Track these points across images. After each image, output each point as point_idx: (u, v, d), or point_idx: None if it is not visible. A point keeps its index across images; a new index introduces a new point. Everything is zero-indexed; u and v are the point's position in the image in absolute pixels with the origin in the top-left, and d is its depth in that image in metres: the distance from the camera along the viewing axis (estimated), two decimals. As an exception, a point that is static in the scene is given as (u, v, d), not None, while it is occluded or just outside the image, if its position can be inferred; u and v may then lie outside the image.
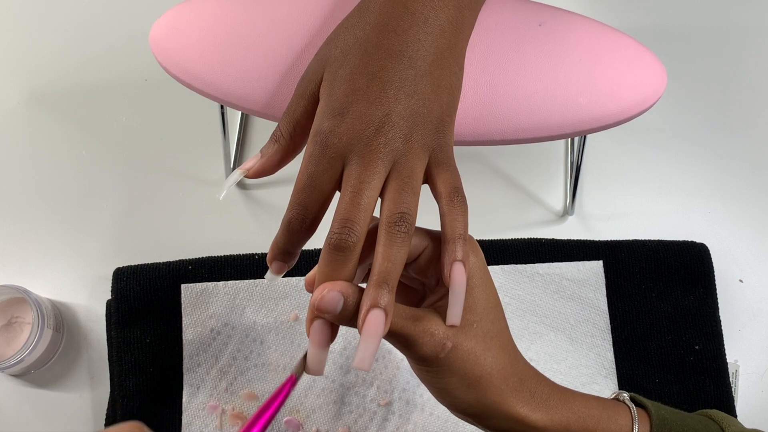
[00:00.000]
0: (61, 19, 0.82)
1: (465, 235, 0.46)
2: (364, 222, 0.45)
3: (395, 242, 0.44)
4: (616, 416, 0.50)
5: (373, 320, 0.43)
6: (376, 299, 0.43)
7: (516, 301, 0.71)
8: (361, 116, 0.46)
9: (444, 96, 0.48)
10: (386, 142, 0.46)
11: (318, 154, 0.46)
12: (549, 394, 0.49)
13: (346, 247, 0.44)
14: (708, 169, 0.79)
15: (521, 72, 0.57)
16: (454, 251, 0.45)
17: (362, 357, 0.43)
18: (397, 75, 0.47)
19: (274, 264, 0.48)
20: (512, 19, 0.59)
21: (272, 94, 0.57)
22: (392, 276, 0.44)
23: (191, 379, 0.69)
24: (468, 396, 0.47)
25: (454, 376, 0.46)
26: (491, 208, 0.77)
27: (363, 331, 0.43)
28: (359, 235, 0.44)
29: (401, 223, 0.44)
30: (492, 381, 0.47)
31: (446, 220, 0.46)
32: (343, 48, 0.49)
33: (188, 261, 0.71)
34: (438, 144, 0.47)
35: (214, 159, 0.77)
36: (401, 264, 0.44)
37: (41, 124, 0.79)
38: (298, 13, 0.58)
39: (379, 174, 0.45)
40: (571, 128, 0.58)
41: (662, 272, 0.72)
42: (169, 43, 0.59)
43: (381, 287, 0.43)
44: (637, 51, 0.59)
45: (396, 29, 0.48)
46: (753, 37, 0.82)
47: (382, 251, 0.44)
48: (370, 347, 0.43)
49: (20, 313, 0.71)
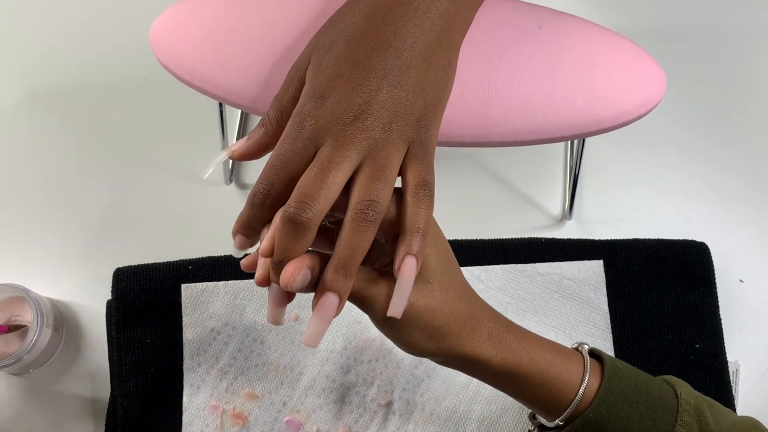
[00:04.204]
0: (60, 19, 0.82)
1: (425, 230, 0.45)
2: (324, 201, 0.44)
3: (359, 230, 0.44)
4: (569, 363, 0.52)
5: (326, 303, 0.44)
6: (332, 284, 0.44)
7: (516, 301, 0.71)
8: (342, 101, 0.46)
9: (430, 90, 0.48)
10: (364, 128, 0.45)
11: (294, 134, 0.46)
12: (505, 334, 0.51)
13: (299, 223, 0.43)
14: (708, 169, 0.79)
15: (520, 74, 0.57)
16: (410, 244, 0.45)
17: (311, 335, 0.44)
18: (382, 64, 0.47)
19: (237, 237, 0.48)
20: (512, 21, 0.59)
21: (270, 91, 0.57)
22: (351, 264, 0.44)
23: (192, 379, 0.69)
24: (429, 345, 0.49)
25: (415, 329, 0.48)
26: (489, 212, 0.77)
27: (315, 312, 0.44)
28: (316, 213, 0.44)
29: (368, 211, 0.44)
30: (450, 329, 0.49)
31: (408, 212, 0.45)
32: (331, 35, 0.49)
33: (188, 261, 0.71)
34: (418, 137, 0.47)
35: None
36: (363, 252, 0.44)
37: (41, 124, 0.79)
38: (296, 11, 0.58)
39: (350, 158, 0.45)
40: (569, 131, 0.58)
41: (662, 271, 0.72)
42: (169, 40, 0.59)
43: (338, 272, 0.44)
44: (637, 55, 0.59)
45: (385, 19, 0.48)
46: (751, 39, 0.82)
47: (345, 238, 0.44)
48: (321, 328, 0.44)
49: (20, 312, 0.71)
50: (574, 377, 0.51)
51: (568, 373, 0.51)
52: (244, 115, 0.80)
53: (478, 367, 0.50)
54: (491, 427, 0.68)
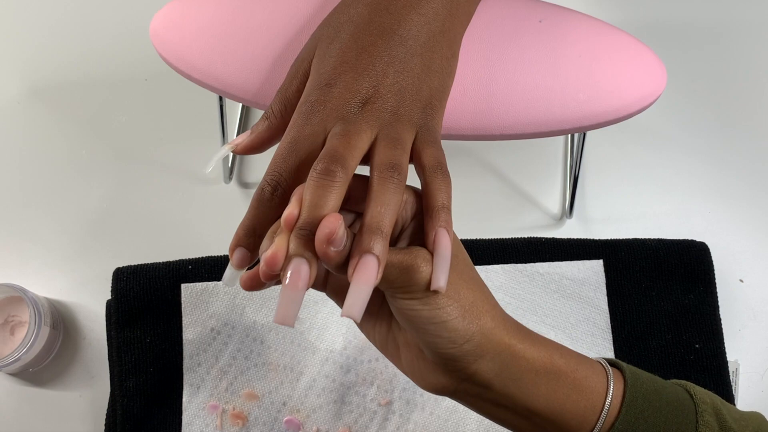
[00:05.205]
0: (60, 17, 0.82)
1: (448, 206, 0.44)
2: (351, 159, 0.42)
3: (388, 188, 0.42)
4: (591, 363, 0.48)
5: (366, 266, 0.40)
6: (369, 245, 0.40)
7: (516, 301, 0.71)
8: (349, 87, 0.45)
9: (434, 78, 0.48)
10: (373, 111, 0.45)
11: (301, 121, 0.45)
12: (527, 331, 0.47)
13: (333, 172, 0.41)
14: (708, 169, 0.79)
15: (521, 67, 0.57)
16: (438, 218, 0.43)
17: (352, 303, 0.40)
18: (387, 51, 0.46)
19: (236, 252, 0.44)
20: (513, 15, 0.59)
21: (271, 84, 0.57)
22: (386, 222, 0.41)
23: (191, 378, 0.69)
24: (467, 324, 0.44)
25: (451, 301, 0.43)
26: (489, 211, 0.77)
27: (355, 277, 0.40)
28: (348, 169, 0.41)
29: (392, 170, 0.42)
30: (484, 306, 0.45)
31: (429, 190, 0.44)
32: (335, 25, 0.49)
33: (188, 261, 0.71)
34: (425, 123, 0.47)
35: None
36: (395, 211, 0.42)
37: (41, 123, 0.79)
38: (297, 3, 0.58)
39: (364, 134, 0.44)
40: (570, 124, 0.58)
41: (662, 271, 0.72)
42: (169, 34, 0.59)
43: (374, 233, 0.40)
44: (637, 49, 0.60)
45: (389, 8, 0.48)
46: (753, 35, 0.82)
47: (375, 197, 0.41)
48: (362, 294, 0.40)
49: (17, 311, 0.71)
50: (600, 378, 0.48)
51: (594, 373, 0.47)
52: (244, 111, 0.80)
53: (514, 362, 0.46)
54: (491, 427, 0.68)
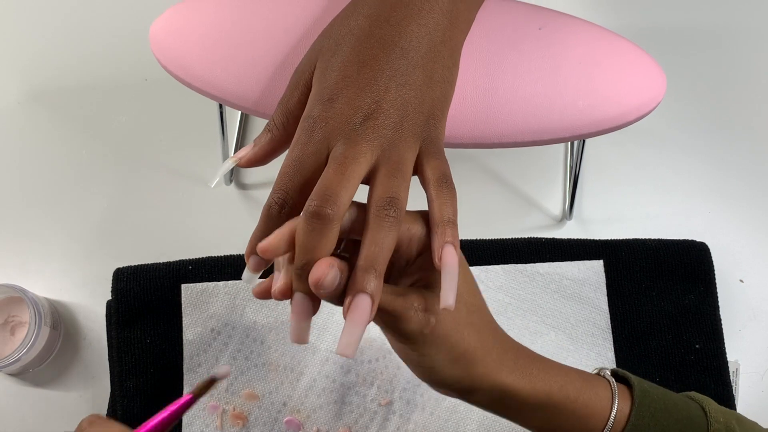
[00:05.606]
0: (60, 19, 0.82)
1: (454, 220, 0.44)
2: (346, 194, 0.43)
3: (383, 227, 0.42)
4: (597, 389, 0.50)
5: (359, 305, 0.41)
6: (362, 284, 0.41)
7: (516, 301, 0.71)
8: (351, 102, 0.45)
9: (437, 89, 0.48)
10: (375, 127, 0.45)
11: (304, 138, 0.45)
12: (530, 363, 0.49)
13: (324, 216, 0.41)
14: (708, 169, 0.79)
15: (520, 75, 0.57)
16: (444, 234, 0.44)
17: (347, 343, 0.41)
18: (389, 64, 0.46)
19: (251, 258, 0.45)
20: (512, 22, 0.59)
21: (271, 93, 0.57)
22: (380, 261, 0.42)
23: (192, 379, 0.69)
24: (455, 371, 0.46)
25: (440, 352, 0.45)
26: (489, 213, 0.77)
27: (348, 316, 0.41)
28: (340, 206, 0.42)
29: (389, 208, 0.43)
30: (477, 354, 0.47)
31: (435, 205, 0.44)
32: (336, 38, 0.48)
33: (188, 261, 0.71)
34: (429, 135, 0.47)
35: (214, 159, 0.77)
36: (389, 249, 0.43)
37: (41, 124, 0.79)
38: (297, 12, 0.58)
39: (365, 156, 0.44)
40: (569, 132, 0.58)
41: (662, 271, 0.72)
42: (169, 41, 0.59)
43: (368, 272, 0.41)
44: (637, 56, 0.59)
45: (389, 20, 0.47)
46: (752, 39, 0.82)
47: (370, 235, 0.42)
48: (356, 333, 0.41)
49: (17, 312, 0.71)
50: (603, 403, 0.49)
51: (598, 398, 0.49)
52: (244, 116, 0.80)
53: (507, 399, 0.48)
54: (491, 427, 0.68)
